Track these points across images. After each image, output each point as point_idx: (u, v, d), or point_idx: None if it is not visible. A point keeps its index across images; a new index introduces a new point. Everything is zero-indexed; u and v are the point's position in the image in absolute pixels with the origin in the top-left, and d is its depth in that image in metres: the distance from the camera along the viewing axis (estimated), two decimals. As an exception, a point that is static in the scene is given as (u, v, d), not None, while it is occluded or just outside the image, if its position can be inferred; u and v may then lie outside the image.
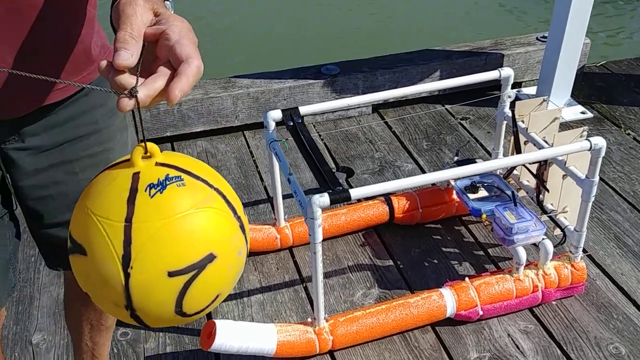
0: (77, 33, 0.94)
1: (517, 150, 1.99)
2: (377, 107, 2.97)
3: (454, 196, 2.19)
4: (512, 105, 2.00)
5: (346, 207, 2.18)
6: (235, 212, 0.69)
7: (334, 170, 2.05)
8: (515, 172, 2.09)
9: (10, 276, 1.09)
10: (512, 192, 1.94)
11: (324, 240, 1.73)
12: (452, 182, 2.09)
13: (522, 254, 1.81)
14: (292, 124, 1.89)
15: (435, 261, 2.09)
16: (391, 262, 2.09)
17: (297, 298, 1.97)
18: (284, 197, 2.16)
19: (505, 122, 2.09)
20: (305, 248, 2.15)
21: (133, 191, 0.64)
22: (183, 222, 0.64)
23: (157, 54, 0.66)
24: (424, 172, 2.53)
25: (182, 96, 0.62)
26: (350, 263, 2.10)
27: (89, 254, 0.65)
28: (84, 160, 1.04)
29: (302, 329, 1.72)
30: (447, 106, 2.95)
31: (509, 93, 2.03)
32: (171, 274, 0.63)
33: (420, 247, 2.15)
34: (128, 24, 0.65)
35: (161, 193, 0.64)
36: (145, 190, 0.64)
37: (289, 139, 1.91)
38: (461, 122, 2.86)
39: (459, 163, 2.04)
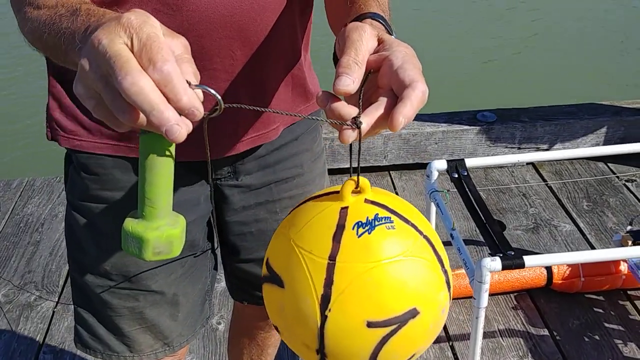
0: (294, 69, 0.98)
1: None
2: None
3: (622, 268, 2.02)
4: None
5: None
6: (442, 265, 0.63)
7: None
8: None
9: (206, 307, 1.13)
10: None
11: (470, 297, 1.64)
12: (624, 254, 1.92)
13: None
14: (457, 175, 1.83)
15: (597, 337, 1.92)
16: (546, 332, 1.95)
17: (443, 357, 1.88)
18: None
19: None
20: (452, 303, 2.06)
21: (340, 227, 0.60)
22: (389, 270, 0.58)
23: (378, 83, 0.62)
24: (584, 235, 2.36)
25: (406, 122, 0.57)
26: (500, 326, 1.98)
27: (286, 287, 0.60)
28: (285, 201, 1.07)
29: (451, 394, 1.63)
30: (611, 165, 2.75)
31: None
32: (370, 325, 0.58)
33: (579, 319, 1.99)
34: (353, 49, 0.61)
35: (369, 234, 0.59)
36: (353, 229, 0.59)
37: (450, 190, 1.85)
38: (626, 184, 2.66)
39: (634, 234, 1.87)
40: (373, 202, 0.62)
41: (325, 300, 0.57)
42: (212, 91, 0.55)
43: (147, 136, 0.56)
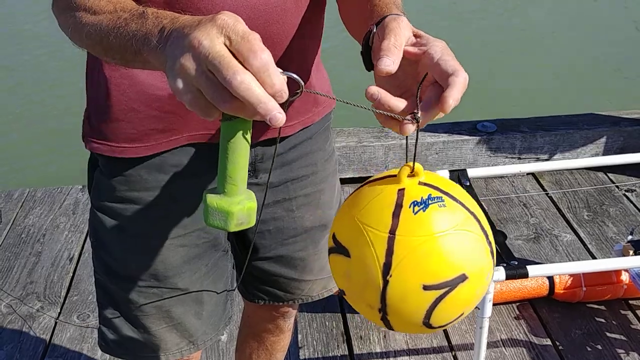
0: (308, 71, 1.02)
1: None
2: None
3: (623, 277, 2.02)
4: None
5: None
6: (487, 237, 0.72)
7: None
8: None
9: (228, 307, 1.15)
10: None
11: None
12: (625, 264, 1.92)
13: None
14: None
15: (599, 347, 1.92)
16: (549, 342, 1.95)
17: (446, 367, 1.89)
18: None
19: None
20: (454, 313, 2.07)
21: (398, 206, 0.69)
22: (442, 241, 0.68)
23: (419, 75, 0.70)
24: (585, 245, 2.37)
25: (454, 105, 0.66)
26: (503, 336, 1.98)
27: (352, 257, 0.71)
28: (300, 199, 1.10)
29: (455, 404, 1.63)
30: (611, 175, 2.77)
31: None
32: (426, 288, 0.68)
33: (581, 328, 1.99)
34: (392, 35, 0.70)
35: (424, 211, 0.69)
36: (410, 207, 0.69)
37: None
38: (626, 194, 2.67)
39: (635, 244, 1.88)
40: (426, 184, 0.72)
41: (386, 268, 0.68)
42: (295, 76, 0.63)
43: (232, 122, 0.63)
